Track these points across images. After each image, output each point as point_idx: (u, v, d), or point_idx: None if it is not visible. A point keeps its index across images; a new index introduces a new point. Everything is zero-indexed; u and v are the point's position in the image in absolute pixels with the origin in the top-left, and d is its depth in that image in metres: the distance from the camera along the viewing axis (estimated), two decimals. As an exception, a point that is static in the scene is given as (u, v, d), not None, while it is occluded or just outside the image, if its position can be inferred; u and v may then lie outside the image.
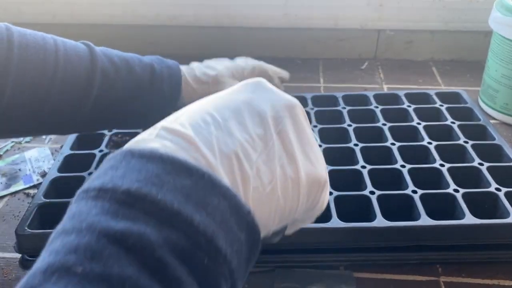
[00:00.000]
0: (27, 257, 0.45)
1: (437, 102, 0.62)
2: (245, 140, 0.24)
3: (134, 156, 0.22)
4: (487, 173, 0.48)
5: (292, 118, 0.27)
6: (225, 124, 0.25)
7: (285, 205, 0.25)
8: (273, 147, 0.25)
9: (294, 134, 0.26)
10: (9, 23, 0.97)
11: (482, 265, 0.45)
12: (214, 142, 0.23)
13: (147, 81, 0.48)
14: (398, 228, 0.42)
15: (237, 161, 0.23)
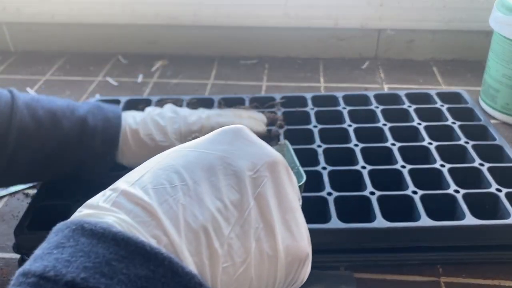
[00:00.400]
0: (26, 258, 0.44)
1: (437, 102, 0.61)
2: (217, 209, 0.21)
3: (84, 234, 0.19)
4: (487, 174, 0.48)
5: (273, 178, 0.24)
6: (195, 189, 0.22)
7: (259, 286, 0.22)
8: (249, 216, 0.22)
9: (274, 198, 0.24)
10: (9, 22, 0.98)
11: (483, 265, 0.44)
12: (180, 214, 0.20)
13: (75, 137, 0.43)
14: (398, 229, 0.42)
15: (205, 238, 0.20)
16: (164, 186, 0.21)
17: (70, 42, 0.90)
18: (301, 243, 0.24)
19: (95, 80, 0.81)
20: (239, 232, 0.22)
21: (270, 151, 0.25)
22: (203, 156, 0.23)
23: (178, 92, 0.77)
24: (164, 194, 0.21)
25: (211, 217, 0.21)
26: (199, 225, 0.20)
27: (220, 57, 0.88)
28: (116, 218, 0.20)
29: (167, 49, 0.89)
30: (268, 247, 0.22)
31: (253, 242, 0.22)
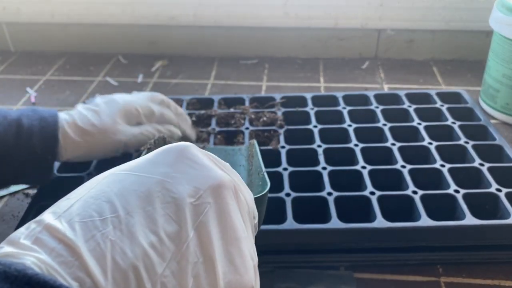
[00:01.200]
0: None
1: (437, 102, 0.61)
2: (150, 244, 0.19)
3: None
4: (487, 174, 0.48)
5: (217, 205, 0.22)
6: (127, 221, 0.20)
7: None
8: (188, 249, 0.20)
9: (217, 228, 0.22)
10: (9, 22, 0.98)
11: (483, 265, 0.44)
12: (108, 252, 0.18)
13: (11, 139, 0.41)
14: (398, 229, 0.42)
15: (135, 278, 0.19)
16: (93, 219, 0.19)
17: (70, 42, 0.90)
18: (245, 277, 0.22)
19: (95, 80, 0.81)
20: (175, 268, 0.20)
21: (215, 174, 0.23)
22: (140, 181, 0.21)
23: (178, 92, 0.77)
24: (91, 228, 0.19)
25: (142, 254, 0.19)
26: (129, 264, 0.19)
27: (220, 57, 0.88)
28: (35, 258, 0.18)
29: (167, 49, 0.89)
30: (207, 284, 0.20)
31: (190, 279, 0.20)
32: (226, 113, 0.59)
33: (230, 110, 0.60)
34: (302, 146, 0.53)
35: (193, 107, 0.62)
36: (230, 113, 0.59)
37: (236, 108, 0.60)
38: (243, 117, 0.58)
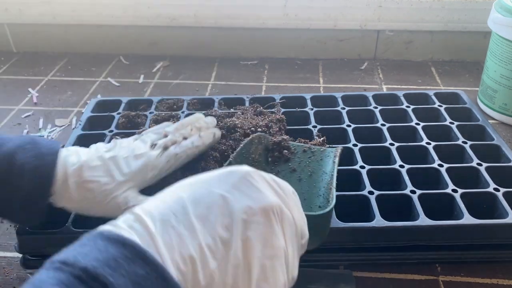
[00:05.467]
0: (29, 257, 0.45)
1: (436, 102, 0.62)
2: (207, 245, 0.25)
3: (102, 238, 0.23)
4: (485, 173, 0.48)
5: (264, 224, 0.27)
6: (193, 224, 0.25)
7: None
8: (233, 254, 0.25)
9: (259, 243, 0.26)
10: (11, 23, 0.98)
11: (481, 264, 0.45)
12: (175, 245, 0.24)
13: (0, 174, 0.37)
14: (397, 228, 0.42)
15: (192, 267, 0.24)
16: (169, 219, 0.25)
17: (72, 43, 0.91)
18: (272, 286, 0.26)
19: (97, 81, 0.81)
20: (222, 266, 0.25)
21: (267, 198, 0.27)
22: (209, 193, 0.27)
23: (179, 92, 0.77)
24: (167, 226, 0.25)
25: (200, 250, 0.25)
26: (189, 255, 0.24)
27: (221, 58, 0.88)
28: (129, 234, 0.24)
29: (168, 50, 0.90)
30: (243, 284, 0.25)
31: (231, 277, 0.25)
32: (227, 113, 0.59)
33: (230, 110, 0.60)
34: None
35: (194, 107, 0.62)
36: (231, 113, 0.59)
37: (236, 108, 0.61)
38: (244, 117, 0.59)
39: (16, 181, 0.37)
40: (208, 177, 0.28)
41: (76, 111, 0.73)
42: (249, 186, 0.28)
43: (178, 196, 0.27)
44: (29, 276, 0.45)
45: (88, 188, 0.39)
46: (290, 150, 0.48)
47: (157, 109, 0.61)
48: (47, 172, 0.38)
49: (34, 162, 0.37)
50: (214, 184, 0.27)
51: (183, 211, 0.26)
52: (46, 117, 0.71)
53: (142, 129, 0.56)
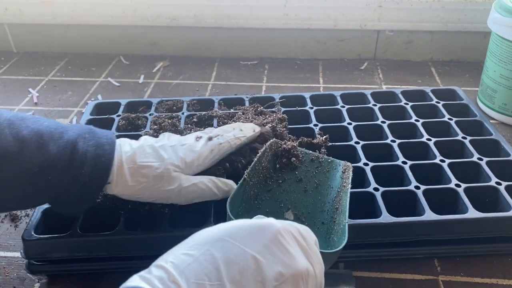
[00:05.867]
0: (34, 262, 0.45)
1: (433, 99, 0.62)
2: None
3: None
4: (486, 168, 0.49)
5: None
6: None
7: None
8: None
9: None
10: (11, 23, 0.98)
11: (481, 264, 0.45)
12: None
13: (62, 162, 0.38)
14: (404, 224, 0.43)
15: None
16: (204, 283, 0.26)
17: (72, 43, 0.91)
18: None
19: (97, 81, 0.82)
20: None
21: (298, 264, 0.29)
22: (241, 253, 0.28)
23: (179, 92, 0.77)
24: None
25: None
26: None
27: (221, 58, 0.88)
28: None
29: (168, 50, 0.90)
30: None
31: None
32: (227, 114, 0.59)
33: (230, 111, 0.60)
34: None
35: (193, 108, 0.63)
36: (231, 114, 0.60)
37: (236, 108, 0.61)
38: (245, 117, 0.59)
39: (78, 168, 0.38)
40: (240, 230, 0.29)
41: (76, 111, 0.73)
42: (280, 248, 0.29)
43: (211, 255, 0.27)
44: (29, 276, 0.45)
45: (142, 173, 0.40)
46: (298, 158, 0.48)
47: (156, 111, 0.61)
48: (106, 160, 0.39)
49: (95, 150, 0.39)
50: (246, 242, 0.28)
51: (216, 274, 0.26)
52: (47, 117, 0.71)
53: (144, 131, 0.56)
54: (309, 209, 0.45)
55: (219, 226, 0.30)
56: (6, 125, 0.37)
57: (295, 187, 0.46)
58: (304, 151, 0.49)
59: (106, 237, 0.42)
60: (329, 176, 0.47)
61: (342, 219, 0.41)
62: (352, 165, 0.47)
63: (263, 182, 0.46)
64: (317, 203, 0.45)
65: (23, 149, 0.37)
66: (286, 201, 0.46)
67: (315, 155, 0.48)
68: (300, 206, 0.45)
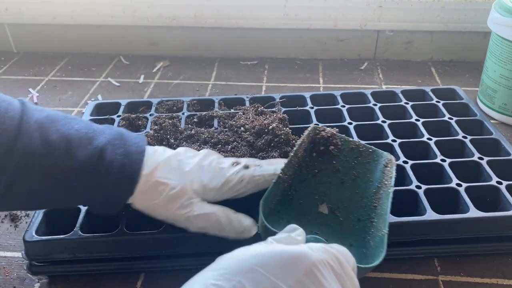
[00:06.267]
0: (35, 263, 0.44)
1: (433, 98, 0.62)
2: None
3: None
4: (487, 167, 0.49)
5: None
6: None
7: None
8: None
9: None
10: (11, 23, 0.98)
11: (481, 264, 0.45)
12: None
13: (88, 170, 0.37)
14: (406, 223, 0.43)
15: None
16: None
17: (72, 43, 0.91)
18: None
19: (97, 81, 0.82)
20: None
21: None
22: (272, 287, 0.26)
23: (179, 92, 0.77)
24: None
25: None
26: None
27: (221, 58, 0.88)
28: None
29: (168, 50, 0.90)
30: None
31: None
32: (228, 114, 0.59)
33: (231, 111, 0.60)
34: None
35: (194, 108, 0.62)
36: (232, 114, 0.60)
37: (236, 108, 0.61)
38: (246, 117, 0.59)
39: (103, 177, 0.37)
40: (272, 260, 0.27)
41: (76, 111, 0.73)
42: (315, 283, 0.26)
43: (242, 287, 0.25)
44: (29, 276, 0.45)
45: (157, 190, 0.38)
46: (337, 147, 0.44)
47: (157, 111, 0.61)
48: (133, 172, 0.38)
49: (123, 160, 0.37)
50: (279, 274, 0.26)
51: None
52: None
53: (144, 131, 0.56)
54: (345, 203, 0.42)
55: (250, 250, 0.28)
56: (36, 128, 0.36)
57: (331, 178, 0.44)
58: (344, 138, 0.45)
59: (107, 238, 0.42)
60: (369, 168, 0.44)
61: (381, 226, 0.38)
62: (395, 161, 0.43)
63: (298, 171, 0.43)
64: (354, 197, 0.43)
65: (50, 153, 0.36)
66: (321, 193, 0.43)
67: (356, 143, 0.45)
68: (336, 199, 0.43)
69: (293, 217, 0.41)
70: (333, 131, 0.45)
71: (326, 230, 0.41)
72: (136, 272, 0.45)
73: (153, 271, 0.45)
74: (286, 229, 0.33)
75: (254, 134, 0.52)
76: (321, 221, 0.42)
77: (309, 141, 0.44)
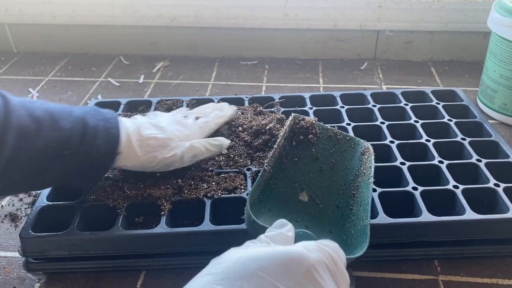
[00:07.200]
0: (32, 260, 0.45)
1: (433, 100, 0.62)
2: None
3: None
4: (485, 169, 0.49)
5: None
6: None
7: None
8: None
9: None
10: (11, 24, 0.98)
11: (481, 264, 0.45)
12: None
13: (76, 137, 0.41)
14: (401, 225, 0.43)
15: None
16: None
17: (72, 43, 0.91)
18: None
19: (97, 81, 0.82)
20: None
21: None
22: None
23: (179, 92, 0.77)
24: None
25: None
26: None
27: (221, 58, 0.88)
28: None
29: (168, 50, 0.90)
30: None
31: None
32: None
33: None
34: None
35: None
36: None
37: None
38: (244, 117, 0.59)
39: (91, 140, 0.41)
40: (272, 262, 0.27)
41: (76, 111, 0.73)
42: (313, 283, 0.27)
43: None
44: (29, 276, 0.45)
45: (149, 143, 0.44)
46: (316, 135, 0.46)
47: (156, 110, 0.61)
48: (115, 133, 0.43)
49: (105, 124, 0.43)
50: (279, 277, 0.27)
51: None
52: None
53: None
54: (324, 191, 0.44)
55: (249, 253, 0.28)
56: (21, 107, 0.39)
57: (310, 166, 0.45)
58: (323, 127, 0.46)
59: (102, 235, 0.43)
60: (346, 155, 0.45)
61: (362, 215, 0.39)
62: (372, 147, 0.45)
63: (278, 160, 0.44)
64: (333, 184, 0.44)
65: (40, 127, 0.39)
66: (301, 181, 0.44)
67: (334, 131, 0.46)
68: (315, 186, 0.44)
69: (274, 205, 0.42)
70: (312, 120, 0.46)
71: (306, 217, 0.42)
72: (136, 271, 0.45)
73: (153, 269, 0.45)
74: (275, 225, 0.34)
75: (251, 134, 0.53)
76: (301, 209, 0.43)
77: (289, 130, 0.45)
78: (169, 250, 0.44)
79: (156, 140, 0.45)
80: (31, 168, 0.40)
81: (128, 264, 0.45)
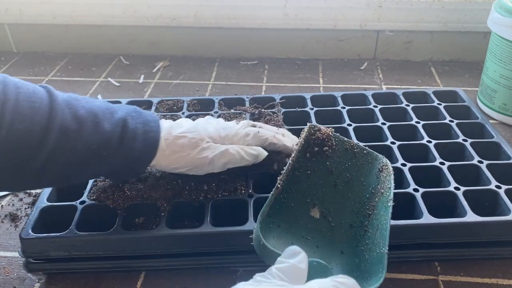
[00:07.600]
0: (32, 260, 0.45)
1: (435, 100, 0.62)
2: None
3: None
4: (486, 171, 0.49)
5: None
6: None
7: None
8: None
9: None
10: (11, 24, 0.98)
11: (481, 264, 0.45)
12: None
13: (115, 138, 0.41)
14: (401, 227, 0.43)
15: None
16: None
17: (72, 43, 0.91)
18: None
19: (97, 81, 0.82)
20: None
21: None
22: None
23: (179, 92, 0.77)
24: None
25: None
26: None
27: (221, 58, 0.88)
28: None
29: (168, 50, 0.90)
30: None
31: None
32: (227, 114, 0.59)
33: (231, 111, 0.60)
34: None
35: (194, 108, 0.63)
36: (232, 114, 0.60)
37: (236, 109, 0.61)
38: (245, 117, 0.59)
39: (130, 143, 0.41)
40: None
41: (76, 111, 0.73)
42: None
43: None
44: (29, 276, 0.45)
45: (178, 143, 0.43)
46: (331, 148, 0.43)
47: (157, 110, 0.61)
48: (154, 137, 0.43)
49: (144, 127, 0.43)
50: None
51: None
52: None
53: None
54: (337, 207, 0.41)
55: None
56: (65, 106, 0.39)
57: (324, 180, 0.42)
58: (339, 138, 0.44)
59: (102, 236, 0.43)
60: (362, 171, 0.42)
61: (379, 241, 0.37)
62: (391, 166, 0.42)
63: (291, 172, 0.42)
64: (347, 201, 0.41)
65: (81, 127, 0.39)
66: (313, 196, 0.42)
67: (351, 144, 0.44)
68: (328, 202, 0.42)
69: (284, 221, 0.40)
70: (328, 131, 0.44)
71: (317, 235, 0.40)
72: (136, 271, 0.45)
73: (153, 270, 0.45)
74: (287, 254, 0.32)
75: None
76: (312, 226, 0.41)
77: (304, 141, 0.43)
78: (169, 251, 0.44)
79: (185, 139, 0.44)
80: (70, 167, 0.40)
81: (128, 265, 0.45)
